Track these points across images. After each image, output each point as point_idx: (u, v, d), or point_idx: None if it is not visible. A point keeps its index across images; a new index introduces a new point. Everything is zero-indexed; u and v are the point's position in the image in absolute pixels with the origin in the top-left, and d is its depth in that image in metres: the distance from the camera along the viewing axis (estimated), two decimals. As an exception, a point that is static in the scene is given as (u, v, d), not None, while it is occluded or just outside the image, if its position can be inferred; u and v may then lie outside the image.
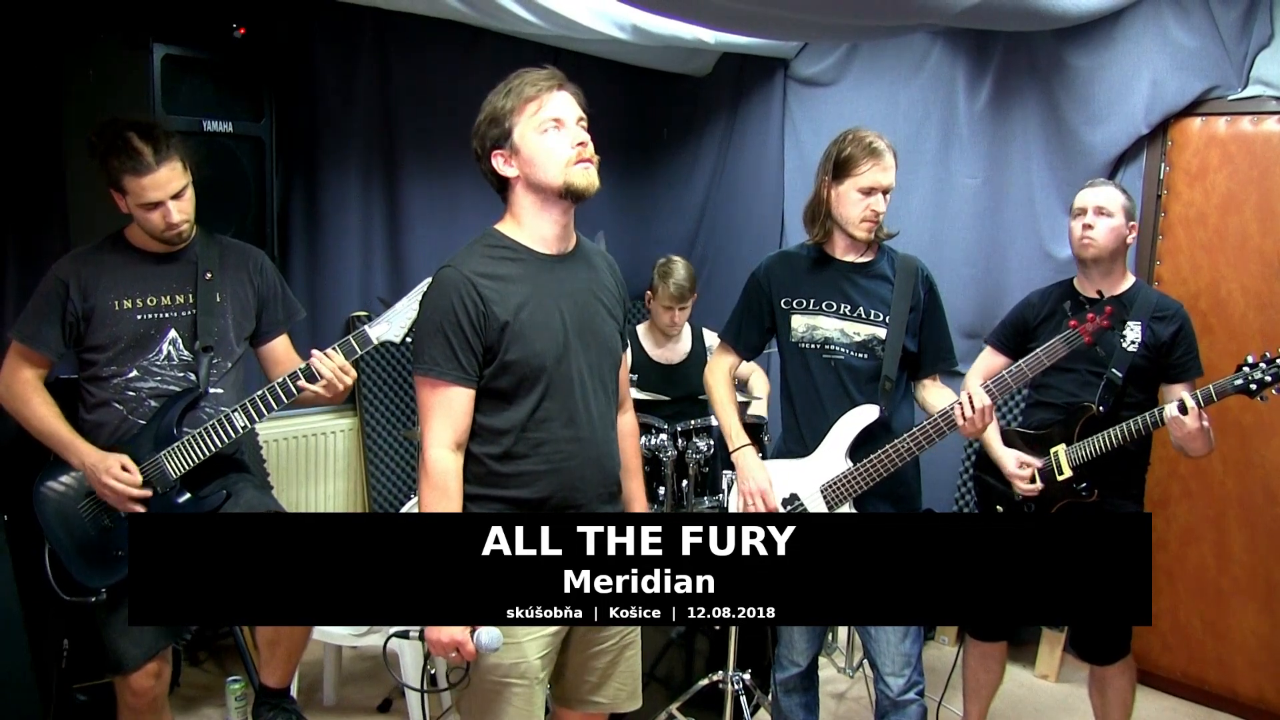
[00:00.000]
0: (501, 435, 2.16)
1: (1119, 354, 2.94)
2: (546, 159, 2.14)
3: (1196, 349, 2.99)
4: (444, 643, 2.08)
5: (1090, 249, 3.00)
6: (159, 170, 2.53)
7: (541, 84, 2.15)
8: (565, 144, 2.14)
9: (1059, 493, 2.96)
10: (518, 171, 2.17)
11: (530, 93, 2.13)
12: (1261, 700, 3.81)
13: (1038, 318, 3.13)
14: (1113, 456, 2.89)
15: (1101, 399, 2.94)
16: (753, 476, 2.81)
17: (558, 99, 2.15)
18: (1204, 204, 3.83)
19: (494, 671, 2.16)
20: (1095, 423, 2.92)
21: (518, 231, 2.21)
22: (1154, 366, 2.97)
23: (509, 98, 2.15)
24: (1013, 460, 2.97)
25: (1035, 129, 4.15)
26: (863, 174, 2.67)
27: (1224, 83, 3.72)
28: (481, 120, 2.18)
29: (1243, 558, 3.81)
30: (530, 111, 2.13)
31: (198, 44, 3.41)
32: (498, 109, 2.16)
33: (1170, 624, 4.00)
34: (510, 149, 2.16)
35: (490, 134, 2.16)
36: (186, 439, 2.63)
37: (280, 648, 2.74)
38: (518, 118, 2.14)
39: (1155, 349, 2.95)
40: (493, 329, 2.11)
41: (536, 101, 2.13)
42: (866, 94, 4.72)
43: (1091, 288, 3.06)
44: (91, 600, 2.63)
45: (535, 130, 2.13)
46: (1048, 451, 2.98)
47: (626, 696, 2.40)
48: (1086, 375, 2.98)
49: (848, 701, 3.89)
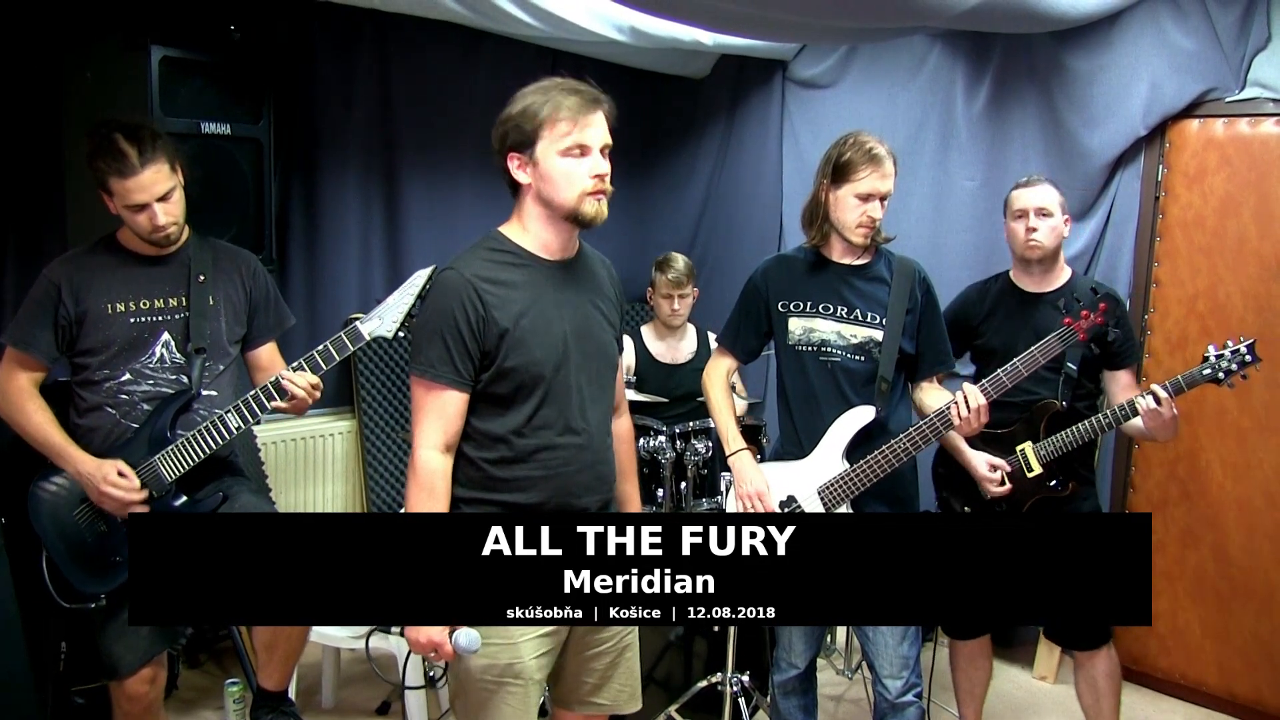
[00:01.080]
0: (498, 441, 2.16)
1: (1072, 350, 2.95)
2: (563, 182, 2.12)
3: (1134, 334, 3.07)
4: (422, 643, 2.09)
5: (1036, 251, 3.05)
6: (143, 173, 2.51)
7: (577, 107, 2.10)
8: (585, 172, 2.11)
9: (1030, 490, 2.98)
10: (531, 181, 2.14)
11: (563, 114, 2.09)
12: (1260, 702, 3.80)
13: (981, 314, 3.17)
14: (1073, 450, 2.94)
15: (1063, 394, 2.98)
16: (750, 480, 2.81)
17: (589, 125, 2.11)
18: (1202, 206, 3.83)
19: (489, 672, 2.15)
20: (1059, 418, 2.95)
21: (522, 236, 2.20)
22: (1096, 356, 3.01)
23: (541, 108, 2.09)
24: (983, 463, 2.97)
25: (1034, 131, 4.15)
26: (861, 180, 2.67)
27: (1222, 85, 3.73)
28: (508, 117, 2.14)
29: (1241, 560, 3.81)
30: (559, 132, 2.09)
31: (196, 46, 3.41)
32: (525, 115, 2.11)
33: (1169, 626, 4.00)
34: (529, 158, 2.13)
35: (512, 136, 2.13)
36: (181, 441, 2.62)
37: (278, 650, 2.73)
38: (545, 132, 2.10)
39: (1096, 338, 2.97)
40: (492, 335, 2.10)
41: (568, 124, 2.09)
42: (865, 96, 4.72)
43: (1031, 282, 3.12)
44: (91, 606, 2.62)
45: (558, 151, 2.10)
46: (1013, 450, 2.99)
47: (627, 698, 2.40)
48: (1042, 372, 2.97)
49: (845, 704, 3.89)
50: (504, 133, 2.15)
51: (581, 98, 2.12)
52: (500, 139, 2.16)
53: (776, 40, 4.68)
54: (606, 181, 2.14)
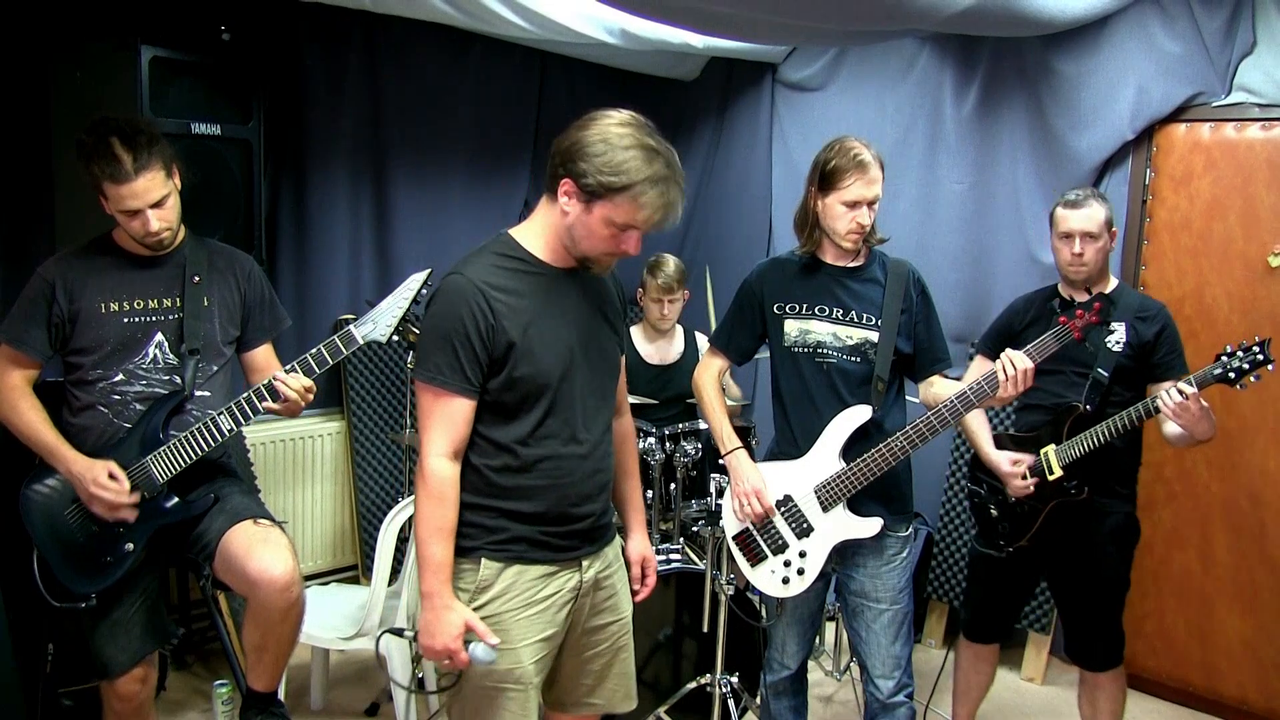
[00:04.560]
0: (503, 449, 2.15)
1: (1104, 354, 2.97)
2: (593, 244, 2.10)
3: (1181, 348, 3.03)
4: (437, 649, 2.08)
5: (1081, 273, 3.05)
6: (137, 180, 2.50)
7: (660, 210, 2.05)
8: (616, 246, 2.11)
9: (1050, 492, 2.99)
10: (570, 214, 2.09)
11: (643, 213, 2.03)
12: (1245, 702, 3.83)
13: (1023, 323, 3.17)
14: (1102, 454, 2.92)
15: (1088, 398, 2.97)
16: (747, 478, 2.82)
17: (655, 223, 2.07)
18: (1189, 209, 3.86)
19: (488, 677, 2.15)
20: (1083, 421, 2.95)
21: (534, 243, 2.17)
22: (1139, 366, 3.00)
23: (632, 187, 2.01)
24: (1005, 460, 3.01)
25: (1022, 134, 4.17)
26: (847, 187, 2.67)
27: (1208, 89, 3.76)
28: (592, 154, 2.02)
29: (1227, 561, 3.84)
30: (625, 213, 2.04)
31: (186, 46, 3.40)
32: (612, 171, 2.01)
33: (1155, 627, 4.02)
34: (584, 202, 2.06)
35: (584, 174, 2.03)
36: (173, 442, 2.61)
37: (268, 652, 2.72)
38: (615, 201, 2.03)
39: (1139, 349, 2.99)
40: (500, 344, 2.08)
41: (639, 215, 2.04)
42: (854, 98, 4.73)
43: (1078, 294, 3.09)
44: (81, 606, 2.61)
45: (606, 221, 2.06)
46: (1038, 453, 3.00)
47: (622, 697, 2.40)
48: (1073, 377, 3.01)
49: (835, 705, 3.90)
50: (577, 164, 2.04)
51: (673, 203, 2.06)
52: (567, 161, 2.06)
53: (766, 43, 4.69)
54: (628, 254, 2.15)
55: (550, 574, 2.20)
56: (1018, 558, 3.10)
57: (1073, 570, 3.09)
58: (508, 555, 2.16)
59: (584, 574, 2.26)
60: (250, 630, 2.69)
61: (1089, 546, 3.03)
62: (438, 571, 2.09)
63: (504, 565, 2.16)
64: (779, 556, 2.82)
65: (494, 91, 4.87)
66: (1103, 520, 3.03)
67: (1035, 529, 3.02)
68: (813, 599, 2.91)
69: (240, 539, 2.62)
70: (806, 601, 2.90)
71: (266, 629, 2.65)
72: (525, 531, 2.17)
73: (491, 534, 2.16)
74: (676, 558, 3.45)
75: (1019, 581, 3.25)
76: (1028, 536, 3.04)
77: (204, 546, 2.67)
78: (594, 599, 2.30)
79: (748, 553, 2.88)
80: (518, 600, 2.16)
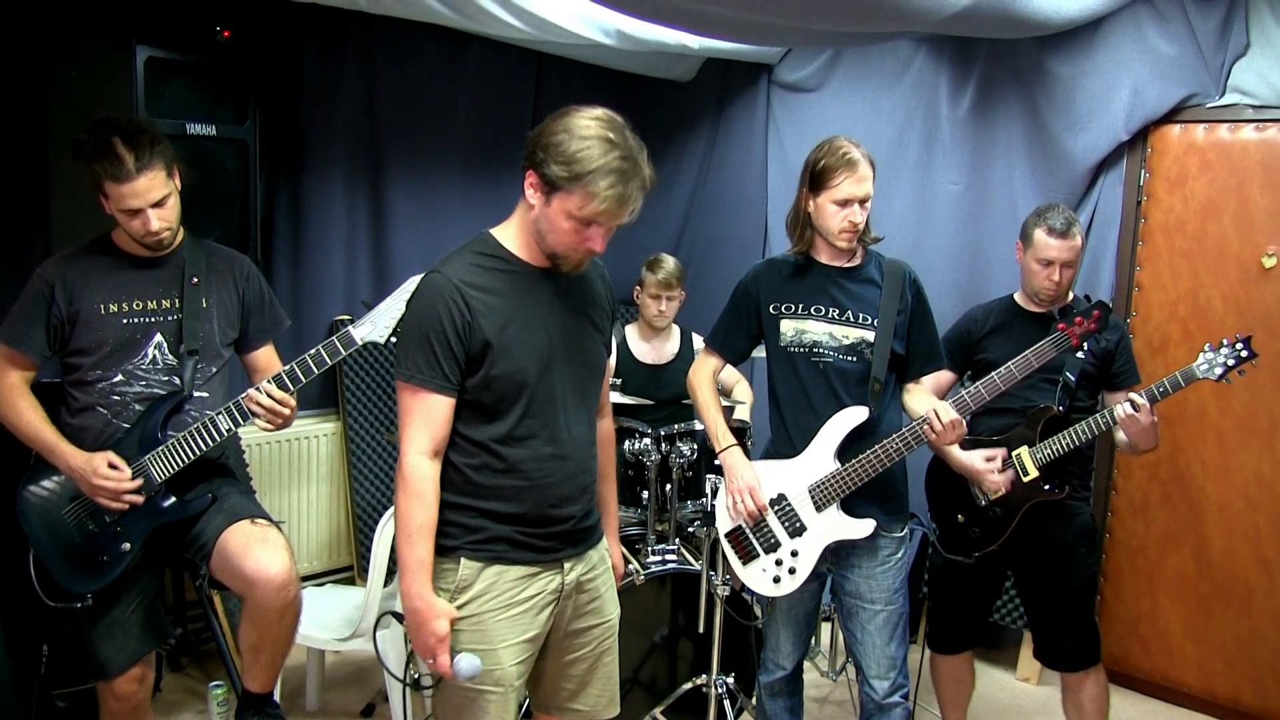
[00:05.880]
0: (482, 448, 2.14)
1: (1070, 360, 3.02)
2: (558, 238, 2.09)
3: (1134, 359, 3.13)
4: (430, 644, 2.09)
5: (1055, 298, 3.10)
6: (138, 179, 2.50)
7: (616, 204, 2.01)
8: (582, 241, 2.09)
9: (1026, 494, 3.00)
10: (535, 206, 2.09)
11: (601, 204, 2.01)
12: (1239, 702, 3.84)
13: (982, 331, 3.21)
14: (1071, 455, 2.98)
15: (1060, 400, 3.02)
16: (741, 475, 2.82)
17: (614, 216, 2.06)
18: (1183, 210, 3.87)
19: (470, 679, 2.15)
20: (1055, 423, 2.99)
21: (513, 241, 2.17)
22: (1099, 374, 3.08)
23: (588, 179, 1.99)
24: (979, 459, 2.93)
25: (1017, 135, 4.18)
26: (838, 186, 2.67)
27: (1202, 91, 3.77)
28: (554, 144, 2.01)
29: (1221, 562, 3.85)
30: (581, 206, 2.02)
31: (182, 46, 3.40)
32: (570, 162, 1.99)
33: (1150, 627, 4.03)
34: (545, 194, 2.05)
35: (545, 164, 2.02)
36: (171, 442, 2.62)
37: (263, 653, 2.73)
38: (572, 192, 2.01)
39: (1101, 357, 3.07)
40: (477, 342, 2.08)
41: (597, 208, 2.02)
42: (850, 100, 4.74)
43: (1035, 306, 3.15)
44: (77, 606, 2.61)
45: (566, 214, 2.05)
46: (1010, 455, 3.01)
47: (606, 704, 2.39)
48: (1039, 382, 3.01)
49: (830, 705, 3.90)
50: (540, 155, 2.04)
51: (627, 196, 2.03)
52: (532, 154, 2.06)
53: (762, 44, 4.69)
54: (595, 251, 2.13)
55: (531, 575, 2.19)
56: (984, 563, 3.11)
57: (1044, 572, 3.10)
58: (488, 555, 2.16)
59: (566, 576, 2.24)
60: (247, 630, 2.69)
61: (1061, 547, 3.06)
62: (418, 571, 2.09)
63: (484, 565, 2.16)
64: (771, 555, 2.82)
65: (490, 92, 4.87)
66: (1073, 520, 3.07)
67: (1009, 533, 3.03)
68: (808, 599, 2.92)
69: (238, 538, 2.63)
70: (801, 602, 2.90)
71: (263, 628, 2.65)
72: (505, 532, 2.16)
73: (472, 533, 2.16)
74: (672, 559, 3.45)
75: (986, 587, 3.27)
76: (999, 541, 3.05)
77: (201, 546, 2.67)
78: (576, 602, 2.29)
79: (740, 551, 2.88)
80: (498, 601, 2.16)
